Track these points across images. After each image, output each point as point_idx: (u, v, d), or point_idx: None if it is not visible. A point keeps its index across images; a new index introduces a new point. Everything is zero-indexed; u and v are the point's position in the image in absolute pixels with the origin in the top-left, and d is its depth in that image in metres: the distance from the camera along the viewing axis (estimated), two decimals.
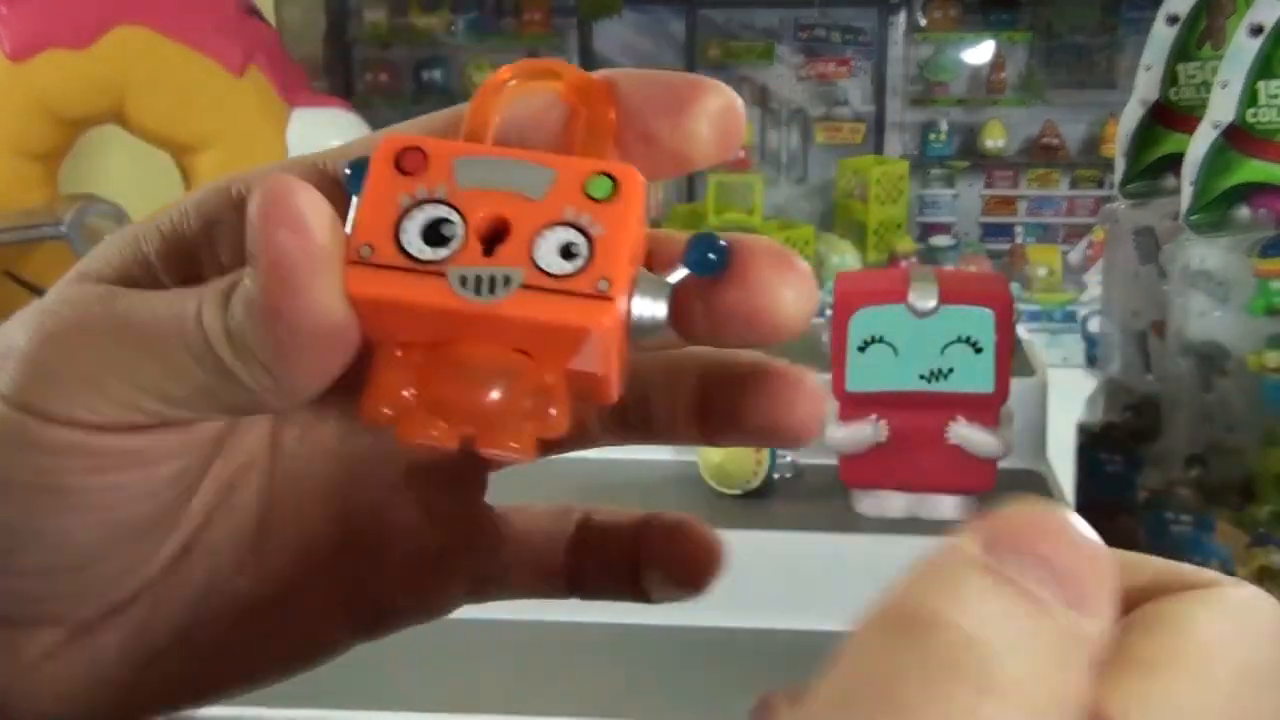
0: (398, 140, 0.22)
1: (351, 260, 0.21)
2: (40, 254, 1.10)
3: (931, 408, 0.68)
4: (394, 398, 0.22)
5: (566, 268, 0.22)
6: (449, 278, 0.22)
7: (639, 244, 0.22)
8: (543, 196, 0.22)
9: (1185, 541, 0.73)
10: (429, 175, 0.22)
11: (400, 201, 0.22)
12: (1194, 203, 0.72)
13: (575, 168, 0.22)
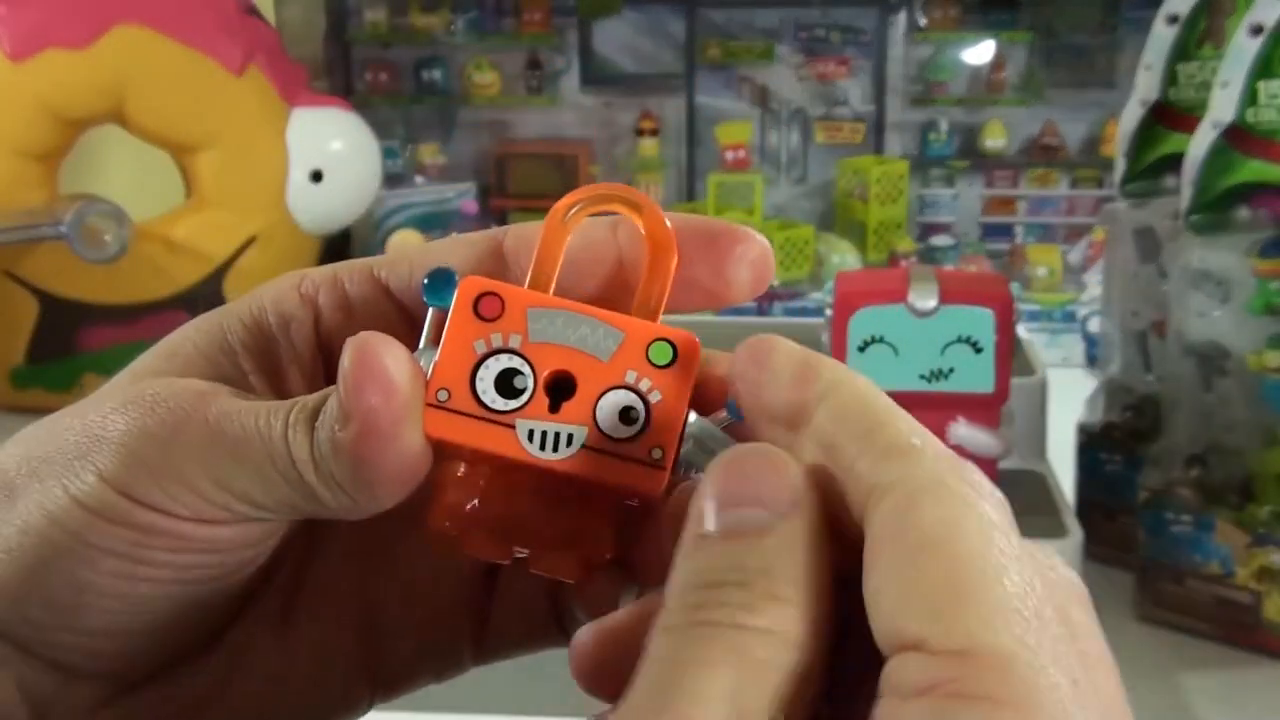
0: (477, 284, 0.24)
1: (430, 402, 0.24)
2: (40, 254, 1.10)
3: (931, 408, 0.68)
4: (458, 513, 0.25)
5: (625, 432, 0.24)
6: (518, 430, 0.24)
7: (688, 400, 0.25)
8: (608, 358, 0.24)
9: (1185, 541, 0.73)
10: (504, 323, 0.24)
11: (476, 348, 0.24)
12: (1194, 203, 0.72)
13: (641, 333, 0.25)
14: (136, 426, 0.24)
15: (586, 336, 0.25)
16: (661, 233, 0.25)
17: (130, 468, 0.24)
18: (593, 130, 1.57)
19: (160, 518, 0.24)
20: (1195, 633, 0.74)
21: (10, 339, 1.14)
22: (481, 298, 0.24)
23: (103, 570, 0.24)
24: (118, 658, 0.25)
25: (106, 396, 0.26)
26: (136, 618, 0.25)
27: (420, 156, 1.51)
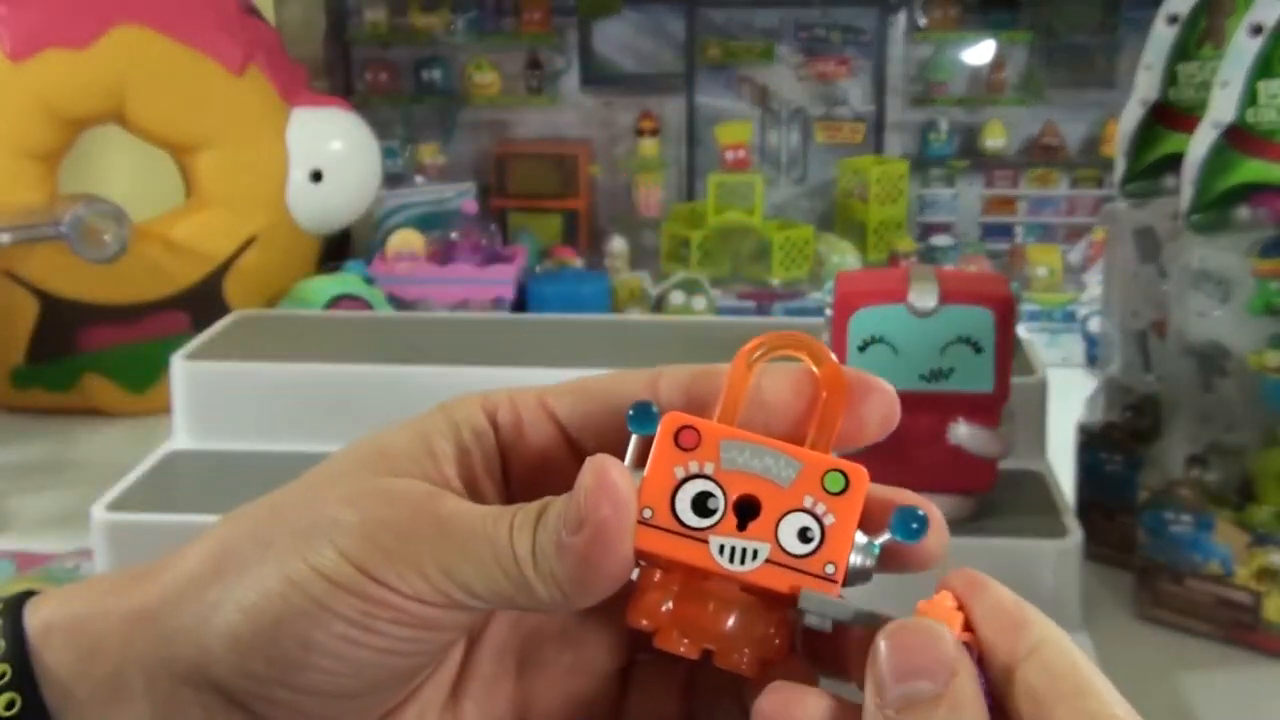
0: (678, 419, 0.29)
1: (637, 519, 0.28)
2: (40, 254, 1.10)
3: (931, 408, 0.68)
4: (654, 612, 0.29)
5: (802, 549, 0.29)
6: (710, 544, 0.28)
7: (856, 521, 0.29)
8: (789, 485, 0.29)
9: (1185, 541, 0.73)
10: (700, 452, 0.29)
11: (676, 474, 0.29)
12: (1194, 203, 0.72)
13: (817, 463, 0.29)
14: (372, 517, 0.29)
15: (770, 466, 0.29)
16: (837, 379, 0.30)
17: (367, 550, 0.28)
18: (593, 130, 1.57)
19: (390, 594, 0.28)
20: (1195, 633, 0.74)
21: (10, 339, 1.13)
22: (681, 430, 0.29)
23: (332, 633, 0.28)
24: (320, 716, 0.29)
25: (328, 487, 0.30)
26: (348, 680, 0.29)
27: (420, 156, 1.51)
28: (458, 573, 0.28)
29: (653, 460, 0.29)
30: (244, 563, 0.29)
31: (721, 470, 0.29)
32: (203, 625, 0.29)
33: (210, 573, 0.29)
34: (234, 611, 0.28)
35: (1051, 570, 0.68)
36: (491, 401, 0.32)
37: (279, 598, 0.28)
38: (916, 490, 0.71)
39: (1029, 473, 0.76)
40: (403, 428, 0.31)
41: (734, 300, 1.36)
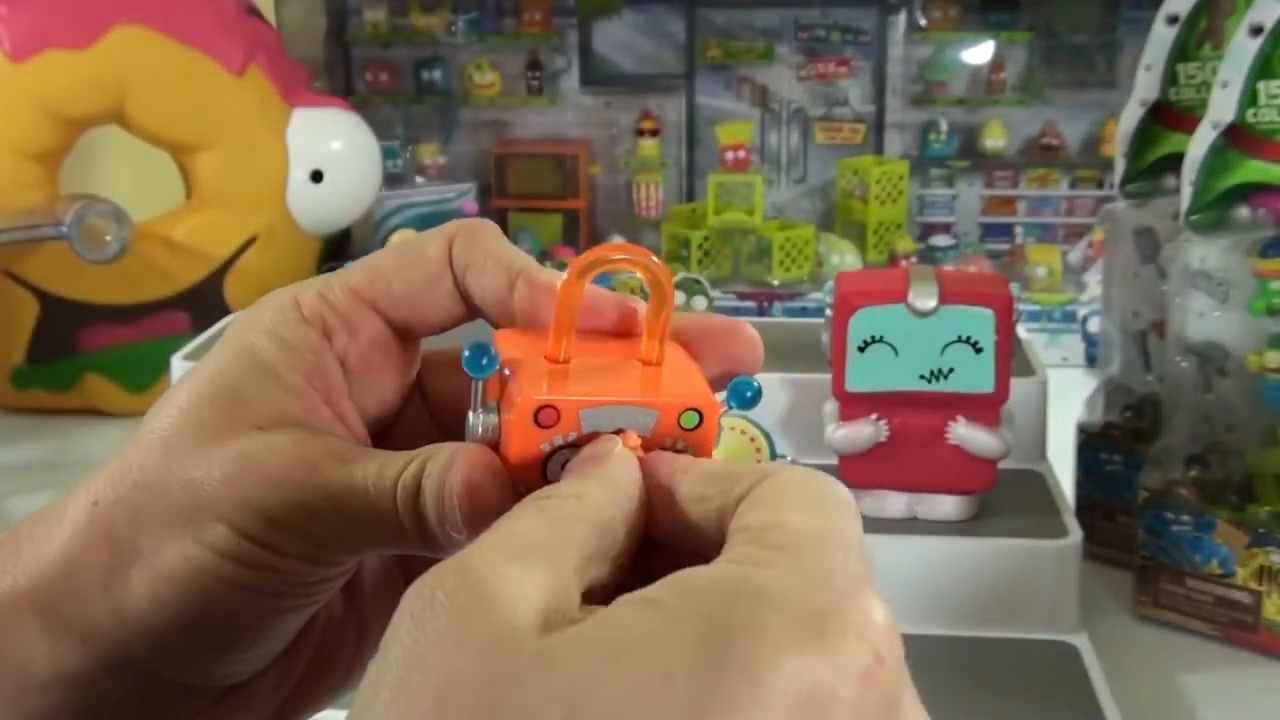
0: (533, 401, 0.29)
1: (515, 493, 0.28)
2: (41, 254, 1.10)
3: (931, 408, 0.68)
4: None
5: None
6: None
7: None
8: (650, 433, 0.30)
9: (1185, 541, 0.73)
10: (562, 425, 0.29)
11: (543, 449, 0.29)
12: (1194, 203, 0.72)
13: (671, 407, 0.30)
14: (256, 493, 0.29)
15: (630, 420, 0.30)
16: (663, 277, 0.30)
17: (260, 524, 0.29)
18: (593, 130, 1.57)
19: (290, 562, 0.29)
20: (1195, 633, 0.74)
21: (11, 339, 1.14)
22: (540, 410, 0.29)
23: (241, 604, 0.29)
24: (239, 670, 0.31)
25: (197, 454, 0.30)
26: (266, 637, 0.30)
27: (420, 156, 1.51)
28: (350, 537, 0.29)
29: (516, 441, 0.29)
30: (139, 553, 0.29)
31: (584, 436, 0.29)
32: (116, 619, 0.29)
33: (108, 568, 0.29)
34: (146, 602, 0.29)
35: (1051, 570, 0.68)
36: (313, 309, 0.31)
37: (188, 583, 0.29)
38: (916, 490, 0.72)
39: (1029, 473, 0.76)
40: (240, 359, 0.31)
41: (734, 300, 1.36)
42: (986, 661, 0.66)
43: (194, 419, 0.30)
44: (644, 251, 0.30)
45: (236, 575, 0.29)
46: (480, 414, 0.30)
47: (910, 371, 0.67)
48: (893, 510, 0.70)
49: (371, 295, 0.32)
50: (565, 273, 0.30)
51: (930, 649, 0.66)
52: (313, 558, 0.29)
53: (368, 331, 0.32)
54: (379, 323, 0.32)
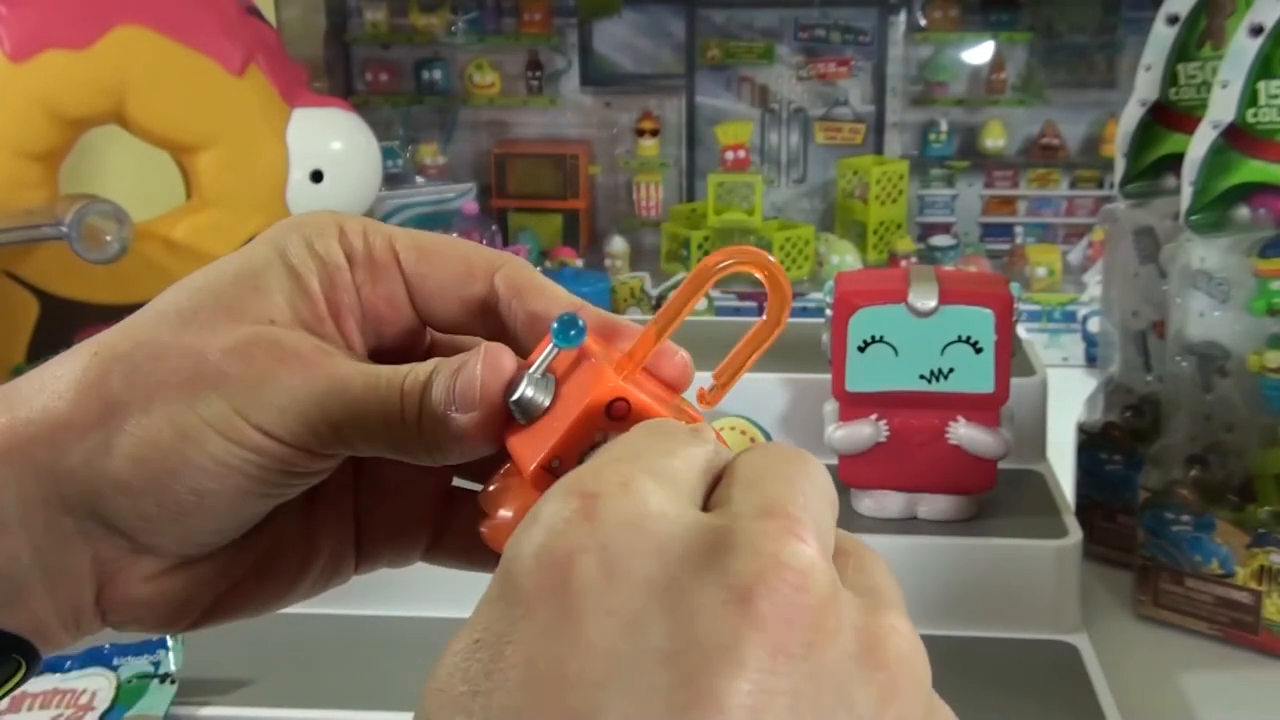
0: (616, 390, 0.29)
1: (544, 465, 0.29)
2: (41, 254, 1.10)
3: (931, 408, 0.68)
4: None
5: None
6: None
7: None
8: None
9: (1185, 541, 0.73)
10: (625, 424, 0.29)
11: (595, 438, 0.29)
12: (1194, 203, 0.72)
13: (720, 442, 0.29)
14: (266, 372, 0.30)
15: None
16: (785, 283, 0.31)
17: (260, 406, 0.29)
18: (593, 130, 1.57)
19: (282, 448, 0.29)
20: (1195, 632, 0.74)
21: (11, 338, 1.14)
22: (614, 402, 0.29)
23: (225, 484, 0.29)
24: (198, 544, 0.31)
25: (207, 331, 0.30)
26: (229, 517, 0.31)
27: (420, 156, 1.51)
28: (345, 428, 0.30)
29: (578, 420, 0.29)
30: (128, 409, 0.30)
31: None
32: (90, 470, 0.29)
33: (93, 418, 0.30)
34: (125, 460, 0.29)
35: (1051, 570, 0.68)
36: (348, 238, 0.33)
37: (172, 450, 0.29)
38: (916, 490, 0.72)
39: (1029, 472, 0.76)
40: (271, 255, 0.32)
41: (734, 300, 1.36)
42: (986, 661, 0.65)
43: (211, 296, 0.31)
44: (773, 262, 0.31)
45: (221, 452, 0.29)
46: (540, 380, 0.30)
47: (910, 371, 0.67)
48: (893, 510, 0.70)
49: (405, 259, 0.33)
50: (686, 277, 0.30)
51: (930, 648, 0.66)
52: (303, 445, 0.30)
53: (386, 286, 0.33)
54: (400, 286, 0.33)
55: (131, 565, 0.31)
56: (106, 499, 0.30)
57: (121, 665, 0.59)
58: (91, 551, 0.30)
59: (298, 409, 0.29)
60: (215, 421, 0.29)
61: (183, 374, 0.29)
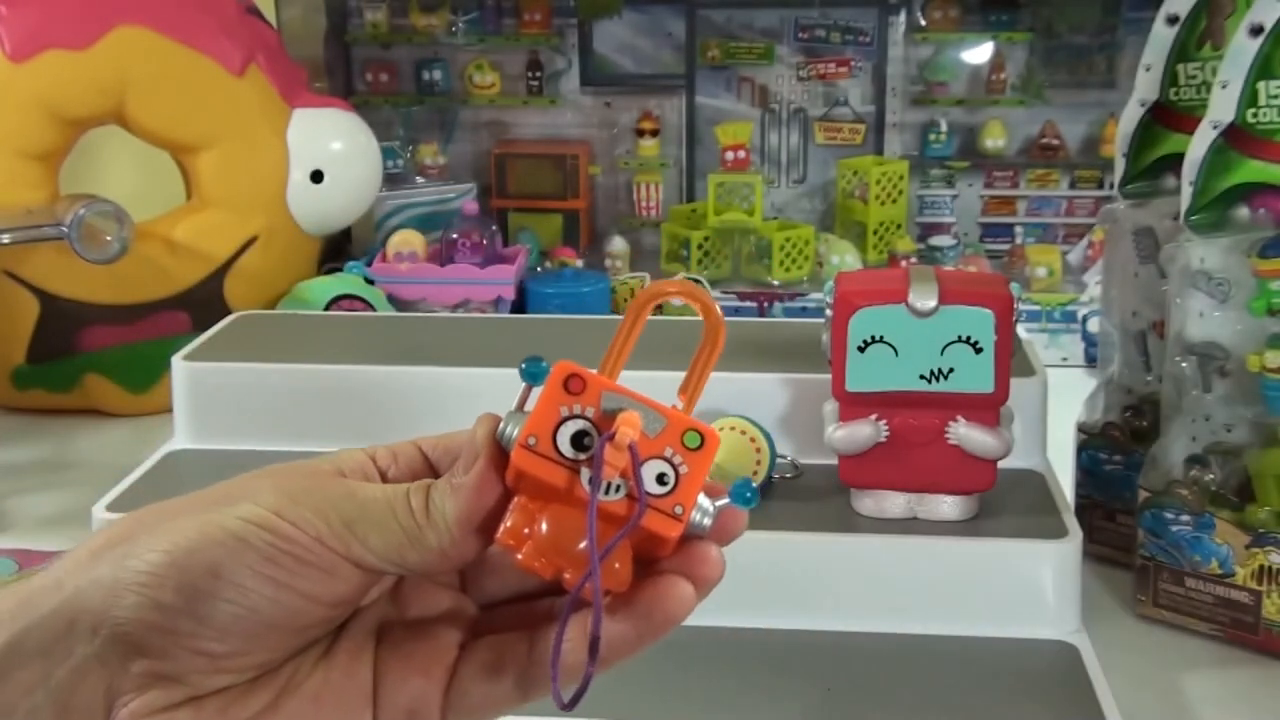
0: (569, 367, 0.34)
1: (522, 444, 0.34)
2: (41, 254, 1.10)
3: (931, 408, 0.68)
4: (518, 535, 0.34)
5: (659, 490, 0.34)
6: (581, 474, 0.33)
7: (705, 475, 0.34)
8: (655, 436, 0.34)
9: (1185, 541, 0.73)
10: (584, 398, 0.34)
11: (560, 412, 0.34)
12: (1194, 203, 0.72)
13: (680, 422, 0.34)
14: (284, 484, 0.34)
15: (643, 416, 0.34)
16: (718, 330, 0.35)
17: (280, 500, 0.33)
18: (593, 130, 1.57)
19: (296, 531, 0.32)
20: (1195, 632, 0.74)
21: (11, 339, 1.14)
22: (570, 377, 0.34)
23: (242, 563, 0.31)
24: (210, 661, 0.32)
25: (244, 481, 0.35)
26: (246, 618, 0.32)
27: (420, 157, 1.51)
28: (358, 525, 0.33)
29: (542, 398, 0.34)
30: (156, 527, 0.33)
31: (600, 414, 0.34)
32: (117, 570, 0.32)
33: (120, 539, 0.32)
34: (149, 553, 0.32)
35: (1051, 570, 0.68)
36: (371, 449, 0.38)
37: (196, 534, 0.32)
38: (916, 490, 0.72)
39: (1029, 473, 0.76)
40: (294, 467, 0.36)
41: (734, 301, 1.36)
42: (986, 661, 0.66)
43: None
44: (704, 292, 0.36)
45: (241, 530, 0.32)
46: (516, 415, 0.34)
47: (910, 371, 0.67)
48: (893, 510, 0.70)
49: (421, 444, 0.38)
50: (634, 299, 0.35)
51: (930, 648, 0.66)
52: (317, 534, 0.32)
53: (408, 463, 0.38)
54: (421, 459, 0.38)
55: (142, 698, 0.32)
56: (125, 595, 0.31)
57: None
58: (106, 683, 0.32)
59: (311, 501, 0.33)
60: (238, 513, 0.32)
61: (215, 497, 0.33)
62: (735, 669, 0.64)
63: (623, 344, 0.35)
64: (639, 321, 0.35)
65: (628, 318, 0.35)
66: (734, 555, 0.70)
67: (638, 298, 0.35)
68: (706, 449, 0.34)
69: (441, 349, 0.86)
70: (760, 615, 0.68)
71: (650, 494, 0.33)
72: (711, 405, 0.77)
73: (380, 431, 0.78)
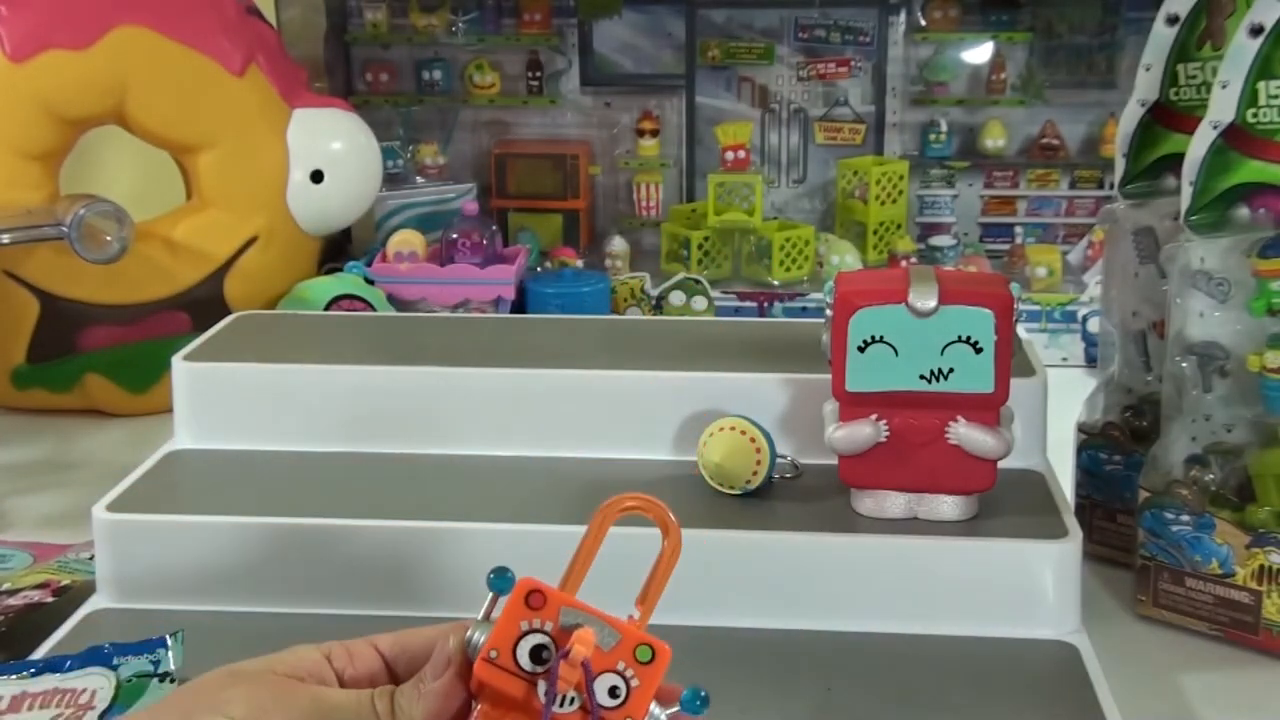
0: (530, 583, 0.37)
1: (483, 657, 0.37)
2: (41, 254, 1.10)
3: (932, 408, 0.68)
4: None
5: (610, 702, 0.37)
6: (538, 686, 0.37)
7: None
8: (609, 649, 0.37)
9: (1185, 541, 0.73)
10: (544, 613, 0.37)
11: (521, 627, 0.37)
12: (1194, 203, 0.72)
13: (633, 637, 0.37)
14: (252, 694, 0.37)
15: (598, 631, 0.37)
16: (675, 549, 0.39)
17: (251, 714, 0.36)
18: (593, 130, 1.57)
19: None
20: (1195, 632, 0.74)
21: (11, 339, 1.14)
22: (531, 593, 0.37)
23: None
24: None
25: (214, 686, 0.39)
26: None
27: (420, 157, 1.51)
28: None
29: (505, 612, 0.37)
30: None
31: (558, 629, 0.37)
32: None
33: None
34: None
35: (1051, 570, 0.68)
36: (326, 647, 0.41)
37: None
38: (916, 490, 0.72)
39: (1029, 473, 0.76)
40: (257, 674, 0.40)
41: (734, 300, 1.36)
42: (986, 661, 0.66)
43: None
44: (661, 505, 0.39)
45: None
46: (483, 625, 0.38)
47: (910, 372, 0.67)
48: (893, 510, 0.70)
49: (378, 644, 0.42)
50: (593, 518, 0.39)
51: (930, 648, 0.66)
52: None
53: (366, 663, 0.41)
54: (376, 658, 0.42)
55: None
56: None
57: (121, 665, 0.59)
58: None
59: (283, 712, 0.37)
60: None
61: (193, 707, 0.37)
62: (735, 669, 0.64)
63: (585, 557, 0.38)
64: (599, 534, 0.38)
65: (590, 532, 0.38)
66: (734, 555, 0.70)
67: (598, 513, 0.38)
68: (658, 662, 0.37)
69: (442, 349, 0.86)
70: (760, 615, 0.68)
71: (602, 706, 0.36)
72: (712, 405, 0.77)
73: (380, 431, 0.79)
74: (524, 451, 0.79)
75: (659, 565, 0.39)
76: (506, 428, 0.79)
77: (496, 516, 0.71)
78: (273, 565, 0.70)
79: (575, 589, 0.38)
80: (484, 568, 0.68)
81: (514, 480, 0.76)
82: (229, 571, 0.70)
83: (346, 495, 0.74)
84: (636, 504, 0.39)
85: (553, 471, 0.77)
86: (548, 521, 0.70)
